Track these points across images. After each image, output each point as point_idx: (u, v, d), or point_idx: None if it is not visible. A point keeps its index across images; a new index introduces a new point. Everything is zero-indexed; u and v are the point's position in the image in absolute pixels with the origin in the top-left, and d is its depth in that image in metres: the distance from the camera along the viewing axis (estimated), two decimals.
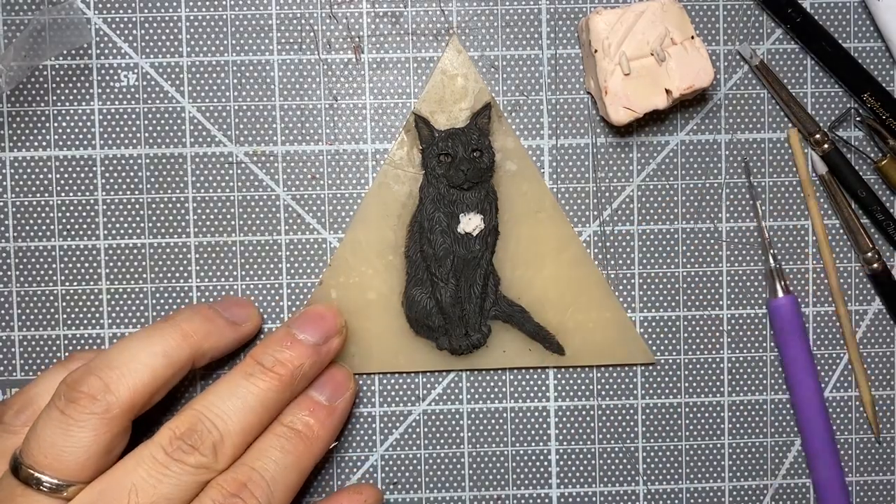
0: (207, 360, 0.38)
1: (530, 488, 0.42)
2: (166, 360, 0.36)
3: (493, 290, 0.41)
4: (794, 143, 0.42)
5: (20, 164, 0.41)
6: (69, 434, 0.33)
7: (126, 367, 0.35)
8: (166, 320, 0.37)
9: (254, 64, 0.41)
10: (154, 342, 0.36)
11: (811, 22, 0.41)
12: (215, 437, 0.34)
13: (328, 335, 0.38)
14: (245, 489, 0.34)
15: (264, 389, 0.36)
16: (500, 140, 0.41)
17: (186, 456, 0.34)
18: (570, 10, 0.42)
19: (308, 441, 0.36)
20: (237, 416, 0.35)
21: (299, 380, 0.37)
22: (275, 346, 0.37)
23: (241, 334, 0.39)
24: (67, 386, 0.34)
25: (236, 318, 0.39)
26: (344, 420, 0.39)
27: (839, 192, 0.42)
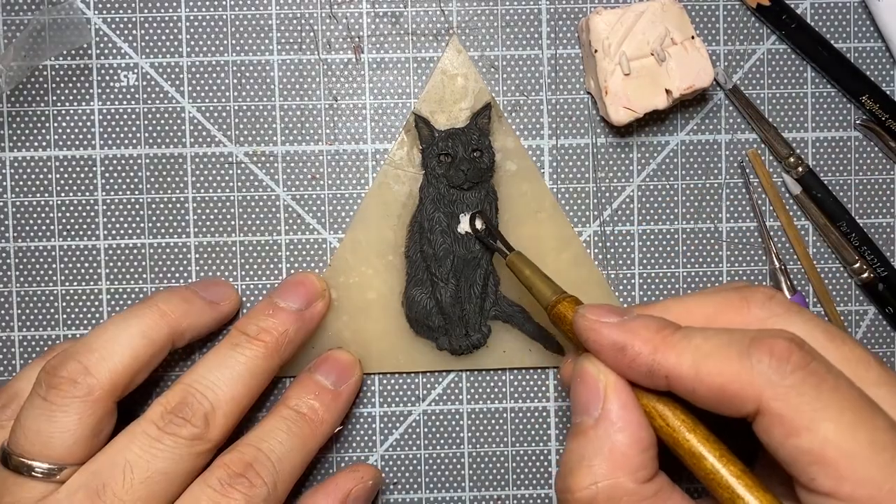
0: (187, 340, 0.38)
1: (530, 488, 0.42)
2: (145, 340, 0.36)
3: (493, 290, 0.41)
4: (755, 163, 0.42)
5: (20, 164, 0.41)
6: (54, 420, 0.34)
7: (105, 349, 0.35)
8: (143, 302, 0.38)
9: (254, 64, 0.41)
10: (132, 323, 0.36)
11: (806, 28, 0.41)
12: (206, 408, 0.35)
13: (310, 300, 0.39)
14: (251, 469, 0.34)
15: (251, 357, 0.36)
16: (500, 140, 0.41)
17: (179, 429, 0.34)
18: (570, 10, 0.42)
19: (313, 424, 0.37)
20: (226, 385, 0.35)
21: (286, 346, 0.37)
22: (258, 316, 0.37)
23: (219, 313, 0.40)
24: (47, 372, 0.34)
25: (214, 297, 0.39)
26: (349, 404, 0.39)
27: (816, 212, 0.42)
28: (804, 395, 0.27)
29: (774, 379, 0.27)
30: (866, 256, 0.41)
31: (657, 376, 0.29)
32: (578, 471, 0.29)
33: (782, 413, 0.27)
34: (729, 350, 0.28)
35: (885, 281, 0.42)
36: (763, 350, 0.27)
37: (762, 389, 0.27)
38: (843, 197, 0.42)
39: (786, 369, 0.27)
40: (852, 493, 0.26)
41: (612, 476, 0.28)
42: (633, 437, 0.29)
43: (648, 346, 0.29)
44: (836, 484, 0.26)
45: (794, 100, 0.42)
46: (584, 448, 0.29)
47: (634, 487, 0.28)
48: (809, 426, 0.26)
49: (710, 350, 0.28)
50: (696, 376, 0.28)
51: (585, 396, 0.30)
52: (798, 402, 0.27)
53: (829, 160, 0.42)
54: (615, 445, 0.29)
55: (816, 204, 0.42)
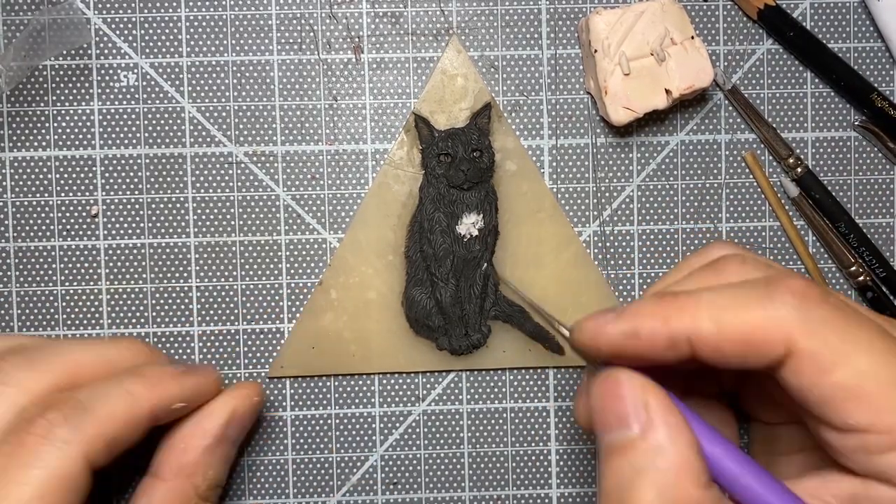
0: None
1: (530, 488, 0.42)
2: None
3: (493, 290, 0.41)
4: (752, 165, 0.42)
5: (20, 164, 0.41)
6: None
7: None
8: None
9: (254, 64, 0.41)
10: None
11: (804, 35, 0.41)
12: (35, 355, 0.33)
13: None
14: (52, 408, 0.30)
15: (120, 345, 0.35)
16: (500, 140, 0.41)
17: None
18: (570, 10, 0.42)
19: (150, 384, 0.33)
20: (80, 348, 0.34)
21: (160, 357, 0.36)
22: None
23: None
24: None
25: None
26: (201, 393, 0.36)
27: (814, 214, 0.42)
28: (833, 329, 0.26)
29: (802, 317, 0.26)
30: (865, 257, 0.41)
31: (679, 343, 0.27)
32: (637, 487, 0.26)
33: (814, 350, 0.26)
34: (747, 298, 0.27)
35: (883, 282, 0.42)
36: (783, 290, 0.27)
37: (791, 329, 0.26)
38: (843, 197, 0.42)
39: (810, 305, 0.26)
40: (891, 423, 0.25)
41: (677, 485, 0.26)
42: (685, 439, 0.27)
43: (658, 319, 0.28)
44: (875, 417, 0.25)
45: (793, 100, 0.42)
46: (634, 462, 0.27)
47: (701, 494, 0.26)
48: (843, 360, 0.26)
49: (727, 302, 0.27)
50: (719, 331, 0.27)
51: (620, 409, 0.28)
52: (828, 336, 0.26)
53: (828, 160, 0.42)
54: (673, 452, 0.27)
55: (815, 204, 0.42)
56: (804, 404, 0.27)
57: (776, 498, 0.27)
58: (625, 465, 0.27)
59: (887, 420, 0.25)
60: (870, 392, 0.26)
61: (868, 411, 0.26)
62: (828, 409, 0.26)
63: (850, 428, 0.26)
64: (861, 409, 0.26)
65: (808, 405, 0.27)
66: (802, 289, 0.27)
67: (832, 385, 0.26)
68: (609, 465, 0.28)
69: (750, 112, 0.42)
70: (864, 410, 0.26)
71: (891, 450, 0.26)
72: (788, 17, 0.41)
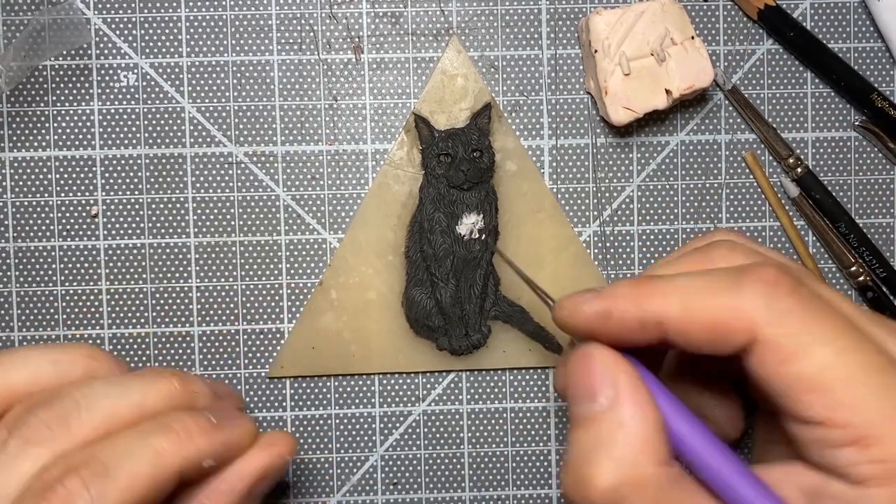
0: None
1: (530, 488, 0.42)
2: None
3: (493, 291, 0.41)
4: (752, 165, 0.42)
5: (20, 164, 0.41)
6: None
7: None
8: None
9: (254, 64, 0.41)
10: None
11: (805, 35, 0.41)
12: (69, 409, 0.30)
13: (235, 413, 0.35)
14: (72, 473, 0.28)
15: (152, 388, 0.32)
16: (500, 140, 0.41)
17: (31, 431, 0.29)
18: (570, 10, 0.42)
19: (178, 440, 0.31)
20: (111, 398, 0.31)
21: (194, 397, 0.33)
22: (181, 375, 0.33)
23: None
24: None
25: None
26: (232, 447, 0.33)
27: (814, 214, 0.42)
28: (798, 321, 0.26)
29: (767, 305, 0.26)
30: (865, 257, 0.41)
31: (649, 325, 0.28)
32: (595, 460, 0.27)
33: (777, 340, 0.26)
34: (717, 284, 0.27)
35: (883, 282, 0.42)
36: (753, 278, 0.27)
37: (756, 317, 0.26)
38: (843, 197, 0.42)
39: (778, 295, 0.26)
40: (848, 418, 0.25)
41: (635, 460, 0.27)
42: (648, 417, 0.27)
43: (631, 302, 0.28)
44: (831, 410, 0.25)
45: (793, 100, 0.42)
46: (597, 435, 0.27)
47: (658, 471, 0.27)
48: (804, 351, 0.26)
49: (698, 288, 0.27)
50: (687, 315, 0.27)
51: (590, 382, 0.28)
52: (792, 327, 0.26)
53: (828, 160, 0.42)
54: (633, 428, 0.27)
55: (815, 204, 0.42)
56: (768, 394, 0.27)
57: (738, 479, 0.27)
58: (588, 437, 0.28)
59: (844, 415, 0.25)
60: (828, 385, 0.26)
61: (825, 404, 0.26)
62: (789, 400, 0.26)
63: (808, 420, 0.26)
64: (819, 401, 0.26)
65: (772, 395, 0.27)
66: (773, 278, 0.27)
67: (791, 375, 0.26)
68: (574, 436, 0.28)
69: (750, 112, 0.42)
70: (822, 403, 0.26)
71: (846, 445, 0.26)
72: (788, 18, 0.41)
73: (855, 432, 0.25)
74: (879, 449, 0.25)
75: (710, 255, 0.30)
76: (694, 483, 0.28)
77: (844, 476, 0.26)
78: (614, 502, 0.27)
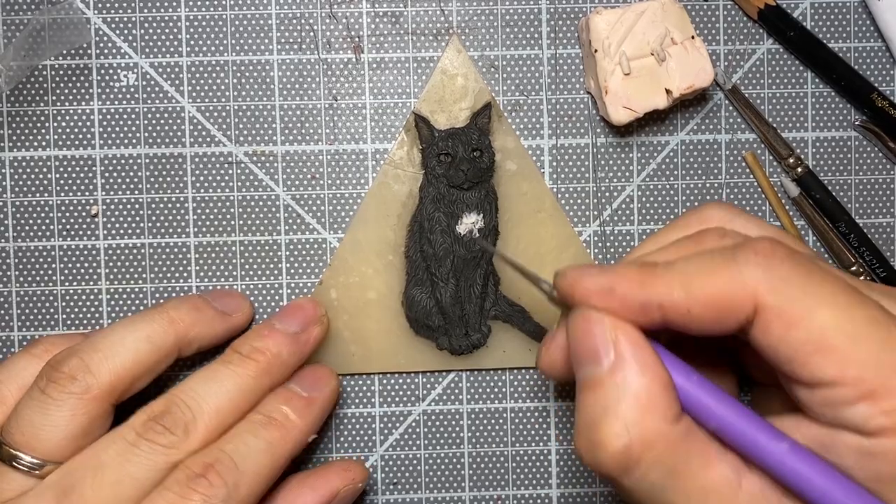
0: (194, 349, 0.38)
1: (530, 488, 0.42)
2: (150, 345, 0.36)
3: (493, 290, 0.41)
4: (752, 165, 0.42)
5: (20, 164, 0.41)
6: (47, 413, 0.34)
7: (109, 349, 0.35)
8: (154, 307, 0.38)
9: (254, 64, 0.41)
10: (139, 327, 0.36)
11: (805, 35, 0.41)
12: (187, 418, 0.34)
13: (306, 324, 0.38)
14: (211, 470, 0.33)
15: (241, 375, 0.36)
16: (500, 140, 0.41)
17: (157, 436, 0.34)
18: (570, 10, 0.42)
19: (283, 429, 0.36)
20: (212, 398, 0.35)
21: (277, 367, 0.37)
22: (253, 336, 0.37)
23: (230, 325, 0.39)
24: (50, 367, 0.35)
25: (226, 308, 0.39)
26: (324, 414, 0.38)
27: (814, 214, 0.42)
28: (797, 285, 0.27)
29: (766, 274, 0.27)
30: (865, 257, 0.41)
31: (650, 309, 0.28)
32: (604, 421, 0.27)
33: (779, 305, 0.27)
34: (715, 262, 0.28)
35: (884, 282, 0.42)
36: (748, 251, 0.27)
37: (756, 287, 0.27)
38: (843, 197, 0.42)
39: (775, 263, 0.27)
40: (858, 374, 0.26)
41: (643, 419, 0.27)
42: (654, 375, 0.28)
43: (635, 283, 0.28)
44: (840, 369, 0.26)
45: (793, 100, 0.42)
46: (604, 398, 0.28)
47: (667, 428, 0.27)
48: (807, 314, 0.26)
49: (696, 268, 0.28)
50: (689, 296, 0.27)
51: (591, 344, 0.28)
52: (792, 291, 0.27)
53: (828, 160, 0.42)
54: (639, 387, 0.27)
55: (816, 204, 0.42)
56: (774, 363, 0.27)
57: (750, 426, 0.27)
58: (595, 400, 0.28)
59: (852, 372, 0.26)
60: (834, 345, 0.26)
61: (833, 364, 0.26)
62: (795, 365, 0.27)
63: (816, 382, 0.26)
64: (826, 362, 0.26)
65: (778, 363, 0.27)
66: (767, 248, 0.27)
67: (797, 340, 0.26)
68: (582, 400, 0.29)
69: (750, 112, 0.42)
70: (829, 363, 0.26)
71: (856, 401, 0.26)
72: (789, 17, 0.41)
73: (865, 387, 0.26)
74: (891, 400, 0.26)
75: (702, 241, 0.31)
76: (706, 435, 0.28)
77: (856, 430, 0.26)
78: (627, 463, 0.27)
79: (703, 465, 0.27)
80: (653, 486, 0.27)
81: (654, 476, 0.27)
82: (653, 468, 0.27)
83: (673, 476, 0.27)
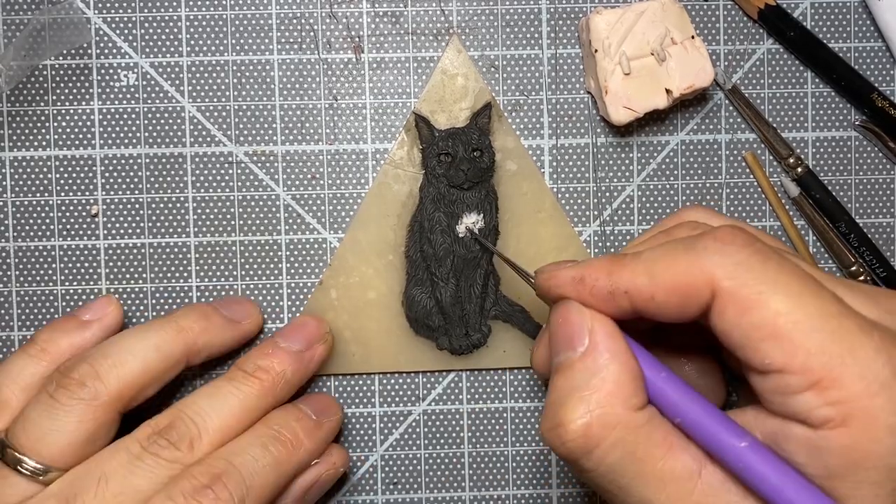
0: (203, 358, 0.38)
1: (530, 488, 0.42)
2: (159, 354, 0.36)
3: (493, 290, 0.41)
4: (752, 165, 0.42)
5: (20, 164, 0.41)
6: (54, 418, 0.34)
7: (118, 357, 0.35)
8: (164, 316, 0.38)
9: (254, 64, 0.41)
10: (148, 336, 0.36)
11: (805, 34, 0.41)
12: (193, 433, 0.34)
13: (310, 342, 0.39)
14: (218, 481, 0.33)
15: (245, 392, 0.36)
16: (501, 140, 0.41)
17: (162, 450, 0.34)
18: (570, 10, 0.42)
19: (292, 447, 0.36)
20: (216, 414, 0.35)
21: (281, 386, 0.37)
22: (258, 355, 0.37)
23: (239, 332, 0.39)
24: (60, 373, 0.35)
25: (235, 315, 0.39)
26: (329, 440, 0.39)
27: (814, 214, 0.42)
28: (752, 271, 0.27)
29: (723, 260, 0.27)
30: (865, 257, 0.41)
31: (618, 295, 0.29)
32: (569, 402, 0.29)
33: (733, 291, 0.27)
34: (676, 250, 0.29)
35: (884, 282, 0.42)
36: (708, 238, 0.28)
37: (713, 271, 0.27)
38: (843, 197, 0.42)
39: (732, 249, 0.28)
40: (804, 363, 0.26)
41: (606, 404, 0.28)
42: (623, 364, 0.29)
43: (603, 272, 0.30)
44: (789, 357, 0.26)
45: (793, 100, 0.42)
46: (572, 381, 0.29)
47: (629, 415, 0.28)
48: (760, 300, 0.27)
49: (660, 255, 0.29)
50: (651, 281, 0.28)
51: (568, 332, 0.30)
52: (747, 277, 0.27)
53: (828, 160, 0.42)
54: (607, 373, 0.29)
55: (816, 204, 0.42)
56: (730, 349, 0.28)
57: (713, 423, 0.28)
58: (564, 382, 0.29)
59: (800, 360, 0.26)
60: (784, 332, 0.26)
61: (782, 351, 0.26)
62: (748, 351, 0.27)
63: (766, 368, 0.27)
64: (776, 348, 0.26)
65: (733, 348, 0.28)
66: (727, 235, 0.28)
67: (750, 325, 0.27)
68: (552, 382, 0.30)
69: (750, 111, 0.42)
70: (779, 350, 0.26)
71: (804, 390, 0.26)
72: (789, 17, 0.41)
73: (812, 376, 0.26)
74: (836, 391, 0.26)
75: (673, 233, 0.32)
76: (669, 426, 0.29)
77: (804, 420, 0.27)
78: (587, 443, 0.28)
79: (663, 453, 0.28)
80: (612, 470, 0.28)
81: (612, 459, 0.28)
82: (612, 451, 0.28)
83: (632, 460, 0.28)
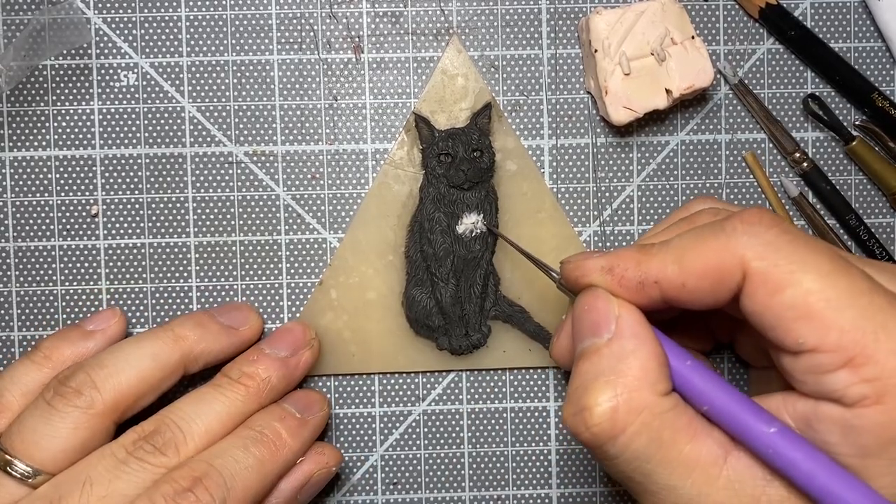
0: (201, 366, 0.38)
1: (530, 488, 0.42)
2: (155, 363, 0.36)
3: (493, 290, 0.41)
4: (752, 165, 0.42)
5: (20, 164, 0.41)
6: (50, 423, 0.34)
7: (114, 366, 0.35)
8: (161, 326, 0.38)
9: (254, 64, 0.41)
10: (144, 345, 0.36)
11: (805, 34, 0.41)
12: (178, 438, 0.35)
13: (296, 348, 0.39)
14: (199, 484, 0.33)
15: (230, 398, 0.36)
16: (501, 140, 0.41)
17: (147, 455, 0.34)
18: (570, 10, 0.42)
19: (274, 447, 0.36)
20: (201, 420, 0.35)
21: (267, 392, 0.37)
22: (242, 361, 0.38)
23: (238, 339, 0.39)
24: (58, 381, 0.35)
25: (233, 322, 0.39)
26: (315, 436, 0.38)
27: (814, 213, 0.42)
28: (782, 251, 0.27)
29: (753, 241, 0.28)
30: (875, 251, 0.41)
31: (648, 285, 0.29)
32: (595, 387, 0.28)
33: (764, 271, 0.27)
34: (704, 235, 0.29)
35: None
36: (735, 220, 0.28)
37: (743, 253, 0.28)
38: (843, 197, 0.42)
39: (761, 230, 0.28)
40: (838, 340, 0.26)
41: (633, 388, 0.28)
42: (650, 350, 0.29)
43: (632, 262, 0.30)
44: (822, 335, 0.26)
45: (794, 100, 0.42)
46: (598, 366, 0.29)
47: (655, 399, 0.28)
48: (792, 280, 0.27)
49: (688, 243, 0.29)
50: (682, 269, 0.29)
51: (595, 319, 0.30)
52: (777, 257, 0.27)
53: (828, 160, 0.42)
54: (634, 358, 0.29)
55: (821, 199, 0.42)
56: (761, 331, 0.28)
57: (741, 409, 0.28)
58: (590, 367, 0.29)
59: (834, 338, 0.26)
60: (817, 311, 0.26)
61: (815, 330, 0.26)
62: (779, 332, 0.27)
63: (799, 348, 0.27)
64: (809, 328, 0.26)
65: (764, 330, 0.28)
66: (755, 216, 0.28)
67: (781, 305, 0.27)
68: (577, 369, 0.30)
69: (757, 105, 0.41)
70: (812, 329, 0.26)
71: (838, 368, 0.26)
72: (789, 17, 0.41)
73: (845, 354, 0.26)
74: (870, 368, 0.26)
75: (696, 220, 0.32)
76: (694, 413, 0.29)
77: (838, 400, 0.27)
78: (613, 427, 0.28)
79: (689, 439, 0.28)
80: (637, 455, 0.28)
81: (638, 444, 0.28)
82: (637, 436, 0.28)
83: (658, 446, 0.28)
